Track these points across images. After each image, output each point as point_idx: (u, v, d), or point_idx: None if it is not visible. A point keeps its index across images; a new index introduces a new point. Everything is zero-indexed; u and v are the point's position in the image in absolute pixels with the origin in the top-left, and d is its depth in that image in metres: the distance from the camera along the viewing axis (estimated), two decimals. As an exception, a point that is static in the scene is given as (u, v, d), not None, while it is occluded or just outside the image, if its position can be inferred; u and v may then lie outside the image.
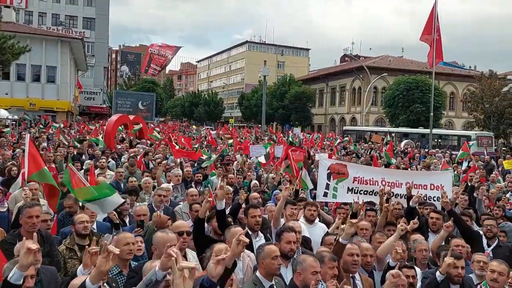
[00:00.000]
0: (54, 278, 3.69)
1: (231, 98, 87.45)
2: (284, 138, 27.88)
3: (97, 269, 2.78)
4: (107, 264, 2.76)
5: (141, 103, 47.32)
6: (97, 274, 2.77)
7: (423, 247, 5.21)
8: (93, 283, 2.76)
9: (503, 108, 39.31)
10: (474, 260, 4.90)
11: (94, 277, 2.77)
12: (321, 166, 7.70)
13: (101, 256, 2.78)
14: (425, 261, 5.17)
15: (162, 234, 4.06)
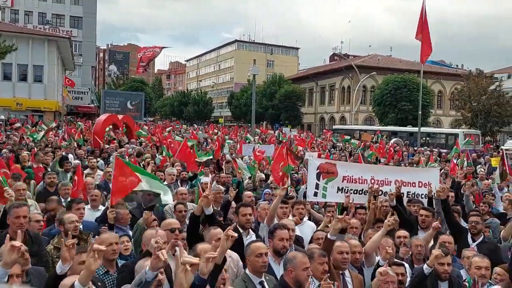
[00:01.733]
0: (42, 278, 3.66)
1: (220, 98, 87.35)
2: (275, 135, 27.94)
3: (86, 270, 2.76)
4: (95, 263, 2.75)
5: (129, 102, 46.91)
6: (86, 275, 2.75)
7: (418, 243, 5.28)
8: (83, 285, 2.74)
9: (490, 106, 39.89)
10: (464, 256, 4.96)
11: (84, 278, 2.75)
12: (310, 165, 7.71)
13: (87, 256, 2.76)
14: (421, 256, 5.24)
15: (152, 231, 4.06)
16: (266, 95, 61.19)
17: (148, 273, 3.01)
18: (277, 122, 58.34)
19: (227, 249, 3.26)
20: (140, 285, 3.02)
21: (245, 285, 3.94)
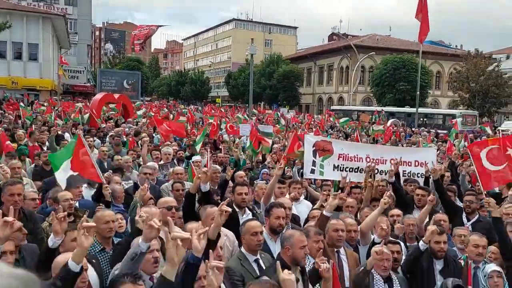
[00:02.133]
0: (36, 255, 3.66)
1: (217, 77, 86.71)
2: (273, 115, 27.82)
3: (78, 248, 2.73)
4: (87, 240, 2.72)
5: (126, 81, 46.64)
6: (79, 253, 2.72)
7: (411, 222, 5.31)
8: (77, 263, 2.71)
9: (488, 87, 39.78)
10: (455, 234, 5.00)
11: (77, 256, 2.72)
12: (306, 143, 7.70)
13: (78, 234, 2.74)
14: (413, 235, 5.29)
15: (146, 209, 4.05)
16: (264, 75, 60.74)
17: (141, 244, 3.00)
18: (275, 103, 58.11)
19: (221, 224, 3.25)
20: (135, 258, 3.01)
21: (241, 263, 3.95)
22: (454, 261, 4.61)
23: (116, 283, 2.81)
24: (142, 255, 3.05)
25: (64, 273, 2.66)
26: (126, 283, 2.77)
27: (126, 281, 2.78)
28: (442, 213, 5.69)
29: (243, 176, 7.39)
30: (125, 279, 2.80)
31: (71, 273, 2.65)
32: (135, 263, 3.03)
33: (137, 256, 3.01)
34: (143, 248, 2.99)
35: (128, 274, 2.86)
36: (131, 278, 2.81)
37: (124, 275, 2.84)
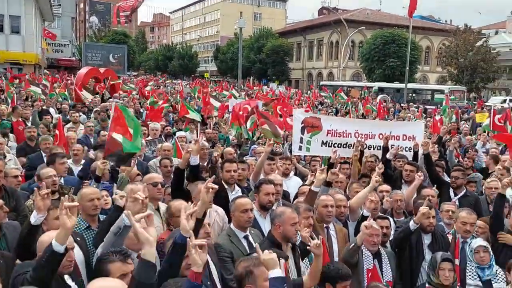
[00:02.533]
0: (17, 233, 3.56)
1: (206, 52, 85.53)
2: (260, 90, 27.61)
3: (61, 228, 2.63)
4: (70, 220, 2.62)
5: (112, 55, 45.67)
6: (63, 234, 2.62)
7: (398, 197, 5.32)
8: (61, 244, 2.60)
9: (476, 62, 39.90)
10: (443, 210, 5.01)
11: (60, 237, 2.62)
12: (295, 120, 7.62)
13: (61, 214, 2.63)
14: (401, 210, 5.30)
15: (132, 186, 3.98)
16: (253, 49, 60.03)
17: (126, 218, 2.94)
18: (265, 77, 57.70)
19: (208, 202, 3.19)
20: (119, 232, 2.94)
21: (230, 239, 3.93)
22: (442, 236, 4.64)
23: (104, 262, 2.74)
24: (126, 229, 2.97)
25: (48, 254, 2.58)
26: (115, 262, 2.72)
27: (116, 259, 2.73)
28: (430, 188, 5.70)
29: (233, 153, 7.31)
30: (114, 257, 2.74)
31: (55, 254, 2.58)
32: (118, 237, 2.96)
33: (121, 230, 2.93)
34: (127, 222, 2.92)
35: (117, 252, 2.79)
36: (120, 256, 2.75)
37: (113, 253, 2.78)
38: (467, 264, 4.24)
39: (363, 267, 4.12)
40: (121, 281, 2.43)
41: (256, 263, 2.83)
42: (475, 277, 4.15)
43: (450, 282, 3.80)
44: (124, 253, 2.79)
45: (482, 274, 4.14)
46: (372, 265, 4.11)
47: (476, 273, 4.17)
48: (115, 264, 2.70)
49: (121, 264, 2.72)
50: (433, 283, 3.87)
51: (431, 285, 3.90)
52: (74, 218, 2.64)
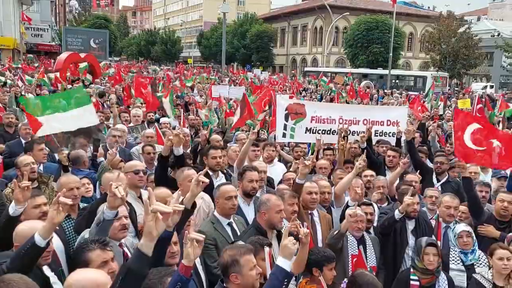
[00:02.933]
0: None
1: (189, 37, 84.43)
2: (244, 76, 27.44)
3: (48, 222, 2.54)
4: (59, 216, 2.55)
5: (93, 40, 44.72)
6: (48, 228, 2.55)
7: (381, 184, 5.34)
8: (44, 238, 2.52)
9: (459, 48, 40.31)
10: (426, 195, 5.06)
11: (45, 231, 2.54)
12: (278, 106, 7.55)
13: (51, 208, 2.55)
14: (383, 196, 5.32)
15: (110, 174, 3.89)
16: (237, 35, 59.47)
17: (106, 212, 2.87)
18: (249, 63, 57.34)
19: (197, 195, 3.14)
20: (99, 225, 2.89)
21: (214, 226, 3.90)
22: (425, 221, 4.68)
23: (83, 250, 2.69)
24: (108, 223, 2.92)
25: (29, 247, 2.50)
26: (94, 250, 2.67)
27: (94, 247, 2.68)
28: (413, 174, 5.74)
29: (219, 141, 7.24)
30: (93, 245, 2.69)
31: (36, 248, 2.51)
32: (101, 230, 2.91)
33: (101, 223, 2.88)
34: (109, 216, 2.87)
35: (95, 240, 2.74)
36: (98, 244, 2.70)
37: (92, 241, 2.73)
38: (450, 249, 4.29)
39: (347, 252, 4.14)
40: (101, 271, 2.38)
41: (242, 252, 2.80)
42: (458, 262, 4.21)
43: (435, 267, 3.84)
44: (103, 241, 2.74)
45: (465, 259, 4.21)
46: (357, 250, 4.13)
47: (459, 257, 4.23)
48: (95, 252, 2.66)
49: (101, 251, 2.67)
50: (418, 267, 3.91)
51: (415, 270, 3.94)
52: (63, 215, 2.57)
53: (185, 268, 2.34)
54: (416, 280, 3.90)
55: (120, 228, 3.18)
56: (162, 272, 2.62)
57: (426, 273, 3.87)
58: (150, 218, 2.20)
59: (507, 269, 3.75)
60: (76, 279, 2.20)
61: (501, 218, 4.72)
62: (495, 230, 4.62)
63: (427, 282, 3.88)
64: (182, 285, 2.31)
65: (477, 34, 42.76)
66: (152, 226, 2.19)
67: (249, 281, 2.76)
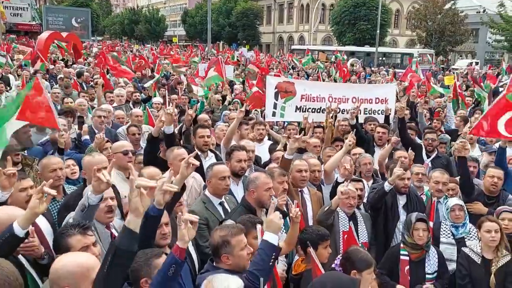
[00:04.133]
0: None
1: (173, 15, 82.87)
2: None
3: (29, 211, 2.45)
4: (41, 206, 2.46)
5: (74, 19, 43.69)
6: (29, 217, 2.46)
7: (367, 161, 5.35)
8: (23, 227, 2.43)
9: (445, 25, 40.37)
10: (413, 172, 5.07)
11: (25, 221, 2.45)
12: (268, 85, 7.49)
13: (34, 196, 2.46)
14: (370, 173, 5.35)
15: (89, 158, 3.80)
16: (222, 13, 58.57)
17: (91, 196, 2.79)
18: (235, 42, 56.66)
19: (187, 176, 3.09)
20: (84, 210, 2.81)
21: (205, 206, 3.87)
22: (416, 197, 4.72)
23: (63, 236, 2.61)
24: (93, 208, 2.84)
25: (7, 236, 2.42)
26: (74, 235, 2.59)
27: (75, 233, 2.60)
28: (403, 150, 5.75)
29: (207, 120, 7.15)
30: (73, 231, 2.61)
31: (15, 237, 2.43)
32: (85, 215, 2.83)
33: (87, 209, 2.80)
34: (93, 201, 2.79)
35: (76, 225, 2.66)
36: (79, 229, 2.62)
37: (72, 226, 2.65)
38: (441, 223, 4.34)
39: (339, 229, 4.16)
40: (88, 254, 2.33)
41: (233, 232, 2.78)
42: (449, 235, 4.26)
43: (424, 242, 3.88)
44: (83, 226, 2.66)
45: (456, 232, 4.25)
46: (348, 227, 4.15)
47: (450, 231, 4.28)
48: (75, 237, 2.57)
49: (81, 236, 2.59)
50: (408, 242, 3.95)
51: (405, 245, 3.97)
52: (45, 205, 2.49)
53: (179, 250, 2.30)
54: (406, 255, 3.95)
55: (106, 210, 3.11)
56: (149, 254, 2.58)
57: (415, 248, 3.91)
58: (135, 194, 2.19)
59: (494, 241, 3.80)
60: (62, 265, 2.15)
61: (490, 193, 4.76)
62: (483, 207, 4.67)
63: (417, 257, 3.93)
64: (176, 267, 2.28)
65: (463, 10, 42.79)
66: (138, 202, 2.18)
67: (240, 261, 2.75)
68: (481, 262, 3.87)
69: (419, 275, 3.90)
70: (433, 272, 3.93)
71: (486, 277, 3.78)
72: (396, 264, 3.97)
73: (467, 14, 42.68)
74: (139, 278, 2.50)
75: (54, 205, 3.69)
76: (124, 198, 3.56)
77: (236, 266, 2.75)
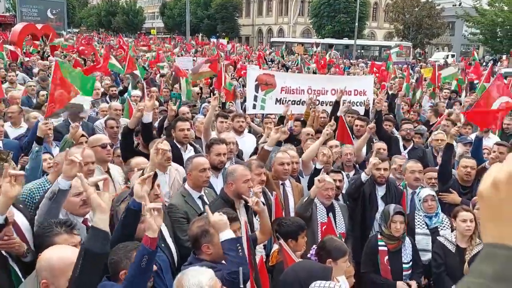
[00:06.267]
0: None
1: (151, 7, 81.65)
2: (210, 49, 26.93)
3: (3, 196, 2.38)
4: (13, 189, 2.38)
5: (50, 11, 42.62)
6: (4, 202, 2.39)
7: (348, 151, 5.41)
8: (0, 213, 2.37)
9: (422, 18, 40.93)
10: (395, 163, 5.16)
11: (1, 206, 2.38)
12: (248, 77, 7.51)
13: (3, 181, 2.39)
14: (351, 163, 5.43)
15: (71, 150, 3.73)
16: (201, 5, 58.02)
17: (61, 181, 2.73)
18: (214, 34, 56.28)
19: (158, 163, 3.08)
20: (53, 198, 2.75)
21: (184, 200, 3.84)
22: (395, 187, 4.80)
23: (48, 234, 2.54)
24: (62, 194, 2.76)
25: None
26: (61, 234, 2.54)
27: (61, 231, 2.55)
28: (381, 142, 5.84)
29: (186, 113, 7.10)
30: (59, 229, 2.55)
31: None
32: (54, 203, 2.76)
33: (56, 196, 2.73)
34: (63, 186, 2.72)
35: (61, 223, 2.60)
36: (65, 227, 2.57)
37: (57, 225, 2.58)
38: (415, 214, 4.43)
39: (317, 220, 4.20)
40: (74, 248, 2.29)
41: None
42: (423, 226, 4.35)
43: (400, 233, 3.97)
44: (69, 224, 2.60)
45: (430, 223, 4.35)
46: (326, 218, 4.19)
47: (424, 221, 4.37)
48: (61, 237, 2.52)
49: (68, 236, 2.54)
50: (384, 234, 4.02)
51: (382, 236, 4.05)
52: (19, 188, 2.41)
53: (150, 240, 2.27)
54: (383, 246, 4.02)
55: (81, 204, 3.07)
56: (129, 246, 2.56)
57: (392, 239, 3.99)
58: (91, 190, 2.17)
59: (469, 230, 3.90)
60: (47, 258, 2.13)
61: (464, 183, 4.88)
62: (457, 196, 4.79)
63: (394, 247, 4.01)
64: (149, 257, 2.26)
65: (440, 3, 43.43)
66: (97, 198, 2.15)
67: (220, 250, 2.75)
68: (455, 251, 3.96)
69: (397, 265, 3.99)
70: (408, 262, 4.02)
71: (460, 265, 3.87)
72: (375, 255, 4.04)
73: (443, 7, 43.34)
74: (119, 270, 2.47)
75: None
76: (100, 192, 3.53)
77: (217, 255, 2.76)
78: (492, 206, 0.49)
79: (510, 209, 0.47)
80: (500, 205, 0.48)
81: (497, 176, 0.49)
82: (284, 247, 3.12)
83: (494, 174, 0.49)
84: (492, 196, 0.49)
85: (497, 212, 0.48)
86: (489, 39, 34.64)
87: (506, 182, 0.48)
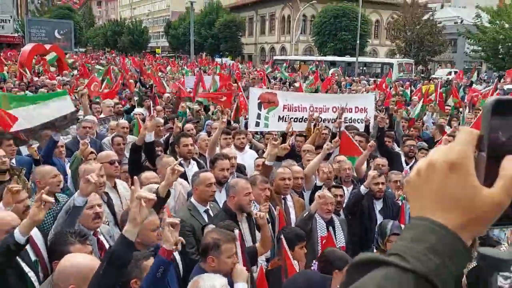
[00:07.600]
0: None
1: (156, 27, 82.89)
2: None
3: (30, 219, 2.55)
4: (41, 213, 2.57)
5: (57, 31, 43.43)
6: (29, 224, 2.56)
7: (347, 166, 5.55)
8: (23, 234, 2.53)
9: (423, 35, 41.28)
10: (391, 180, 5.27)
11: (26, 228, 2.54)
12: (251, 95, 7.72)
13: (34, 205, 2.57)
14: (349, 178, 5.54)
15: (87, 166, 3.92)
16: (205, 25, 58.89)
17: (77, 198, 2.90)
18: (217, 53, 56.95)
19: (172, 183, 3.24)
20: (69, 212, 2.91)
21: (191, 213, 3.97)
22: (393, 201, 4.91)
23: (63, 243, 2.68)
24: (77, 209, 2.94)
25: (8, 244, 2.51)
26: (75, 244, 2.66)
27: (75, 241, 2.68)
28: (381, 158, 5.98)
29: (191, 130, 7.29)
30: (73, 239, 2.68)
31: (16, 245, 2.52)
32: (70, 217, 2.93)
33: (71, 210, 2.90)
34: (79, 202, 2.90)
35: (75, 233, 2.74)
36: (79, 237, 2.70)
37: (70, 234, 2.72)
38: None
39: (317, 234, 4.29)
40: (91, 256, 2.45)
41: (226, 239, 2.90)
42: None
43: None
44: (83, 235, 2.75)
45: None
46: (326, 232, 4.29)
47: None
48: (75, 246, 2.66)
49: (81, 246, 2.68)
50: (380, 248, 4.09)
51: (378, 250, 4.11)
52: (44, 212, 2.60)
53: (166, 252, 2.43)
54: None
55: (94, 217, 3.22)
56: (138, 256, 2.69)
57: (388, 255, 4.06)
58: (135, 204, 2.28)
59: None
60: (71, 264, 2.25)
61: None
62: None
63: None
64: (165, 267, 2.41)
65: (441, 21, 43.87)
66: (137, 213, 2.26)
67: (224, 267, 2.86)
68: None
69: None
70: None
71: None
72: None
73: (445, 25, 43.75)
74: (130, 279, 2.60)
75: (49, 212, 3.76)
76: (115, 205, 3.67)
77: (218, 270, 2.85)
78: (415, 188, 0.64)
79: (428, 188, 0.62)
80: (420, 186, 0.63)
81: (419, 165, 0.65)
82: (283, 244, 3.22)
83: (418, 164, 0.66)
84: (415, 180, 0.64)
85: (418, 192, 0.64)
86: (491, 56, 34.89)
87: (425, 169, 0.63)
